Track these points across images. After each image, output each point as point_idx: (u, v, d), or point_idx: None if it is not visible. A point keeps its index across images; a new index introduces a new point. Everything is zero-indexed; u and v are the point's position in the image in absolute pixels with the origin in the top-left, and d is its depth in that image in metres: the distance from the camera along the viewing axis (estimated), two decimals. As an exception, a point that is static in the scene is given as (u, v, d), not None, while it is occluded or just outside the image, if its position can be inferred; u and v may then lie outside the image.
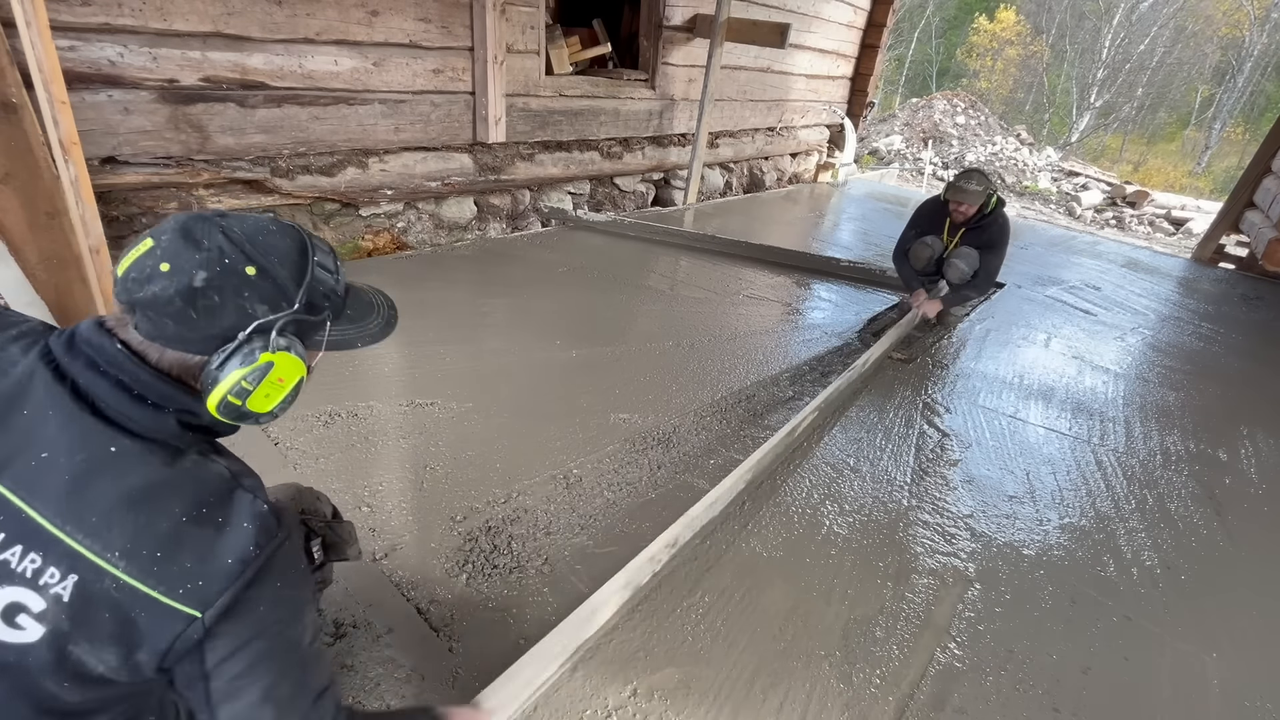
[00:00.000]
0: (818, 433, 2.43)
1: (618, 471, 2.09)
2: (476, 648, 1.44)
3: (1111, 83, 23.39)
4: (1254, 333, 4.19)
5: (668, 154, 5.55)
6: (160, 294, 0.67)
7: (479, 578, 1.62)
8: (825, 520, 1.99)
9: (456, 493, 1.90)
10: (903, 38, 26.88)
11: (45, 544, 0.63)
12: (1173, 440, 2.73)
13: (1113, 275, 5.14)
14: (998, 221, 3.23)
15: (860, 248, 5.07)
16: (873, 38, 7.58)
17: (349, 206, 3.54)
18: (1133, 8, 22.45)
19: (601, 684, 1.40)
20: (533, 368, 2.63)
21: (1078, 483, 2.36)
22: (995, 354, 3.37)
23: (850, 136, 7.73)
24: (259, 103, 3.00)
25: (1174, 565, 2.00)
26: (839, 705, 1.42)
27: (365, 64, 3.30)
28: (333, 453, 2.00)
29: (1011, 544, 2.00)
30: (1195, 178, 21.56)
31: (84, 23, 2.44)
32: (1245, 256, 5.77)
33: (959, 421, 2.67)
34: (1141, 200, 8.66)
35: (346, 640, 1.42)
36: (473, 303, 3.17)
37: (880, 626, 1.63)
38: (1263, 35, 21.29)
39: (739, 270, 4.11)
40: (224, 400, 0.71)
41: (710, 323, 3.29)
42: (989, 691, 1.51)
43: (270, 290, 0.73)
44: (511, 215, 4.45)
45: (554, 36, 4.44)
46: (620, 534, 1.83)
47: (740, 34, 4.95)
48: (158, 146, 2.76)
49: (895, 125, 11.10)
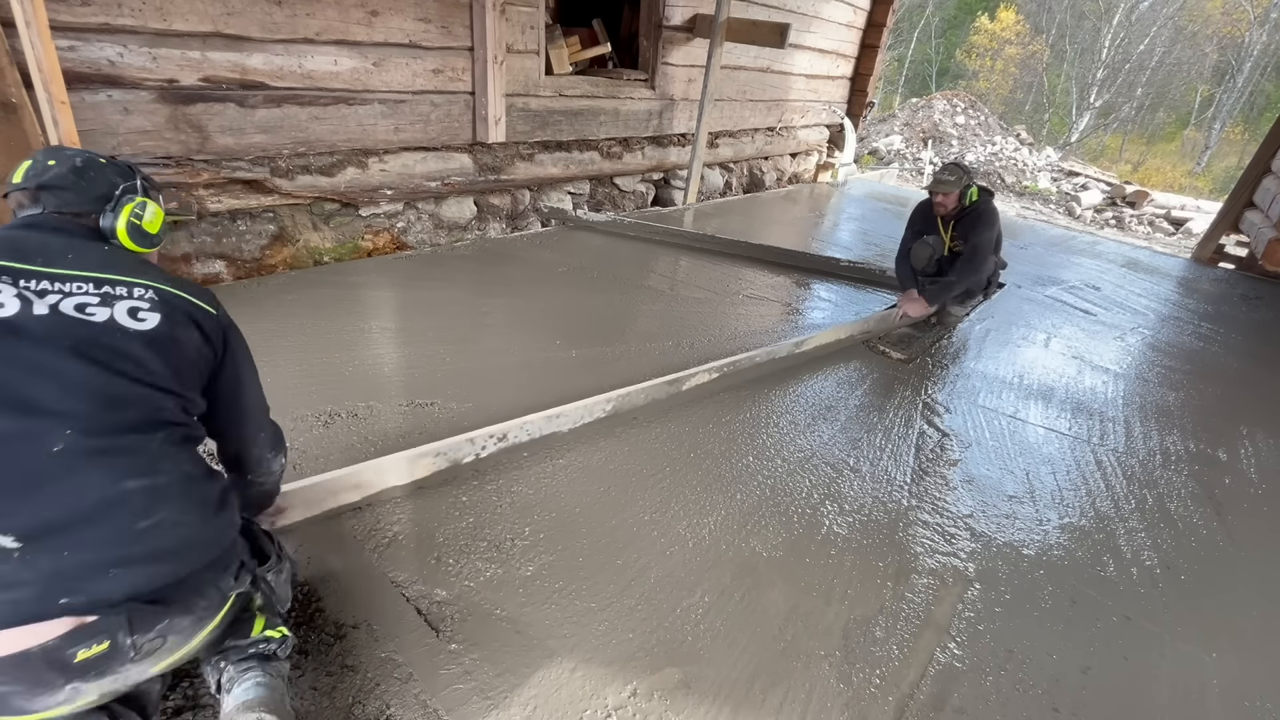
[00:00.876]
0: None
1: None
2: (476, 647, 1.44)
3: (1111, 83, 23.40)
4: (1254, 333, 4.19)
5: (667, 154, 5.55)
6: (57, 174, 1.09)
7: (479, 576, 1.62)
8: (825, 520, 1.99)
9: (457, 492, 1.90)
10: (903, 37, 26.89)
11: (119, 282, 1.02)
12: (1173, 440, 2.73)
13: (1112, 275, 5.14)
14: (979, 210, 3.26)
15: (860, 248, 5.07)
16: (872, 37, 7.58)
17: (349, 206, 3.54)
18: (1132, 8, 22.45)
19: (601, 684, 1.40)
20: (532, 368, 2.63)
21: (1077, 483, 2.36)
22: (995, 354, 3.37)
23: (850, 136, 7.73)
24: (259, 103, 3.00)
25: (1174, 565, 2.00)
26: (839, 705, 1.42)
27: (365, 64, 3.30)
28: (332, 452, 2.00)
29: (1011, 544, 2.00)
30: (1195, 178, 21.57)
31: (84, 23, 2.43)
32: (1245, 256, 5.77)
33: (959, 421, 2.67)
34: (1141, 200, 8.66)
35: (346, 640, 1.42)
36: (473, 303, 3.17)
37: (880, 626, 1.63)
38: (1262, 35, 21.29)
39: (739, 270, 4.11)
40: (128, 226, 1.11)
41: (710, 323, 3.29)
42: (989, 691, 1.51)
43: (120, 170, 1.16)
44: (511, 215, 4.45)
45: (554, 36, 4.43)
46: (614, 525, 1.83)
47: (740, 34, 4.95)
48: (157, 146, 2.76)
49: (895, 125, 11.10)
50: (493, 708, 1.32)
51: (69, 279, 0.98)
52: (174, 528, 0.95)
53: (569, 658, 1.44)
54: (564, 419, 2.18)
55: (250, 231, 3.18)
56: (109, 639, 0.87)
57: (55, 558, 0.85)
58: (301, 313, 2.84)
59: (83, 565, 0.86)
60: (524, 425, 2.07)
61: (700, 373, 2.54)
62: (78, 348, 0.92)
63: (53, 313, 0.93)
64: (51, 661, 0.84)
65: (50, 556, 0.84)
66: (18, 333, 0.90)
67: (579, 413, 2.22)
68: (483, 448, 2.00)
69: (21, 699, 0.85)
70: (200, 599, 1.00)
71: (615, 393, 2.30)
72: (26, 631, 0.82)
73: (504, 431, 2.03)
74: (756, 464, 2.22)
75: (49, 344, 0.91)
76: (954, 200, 3.25)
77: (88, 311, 0.95)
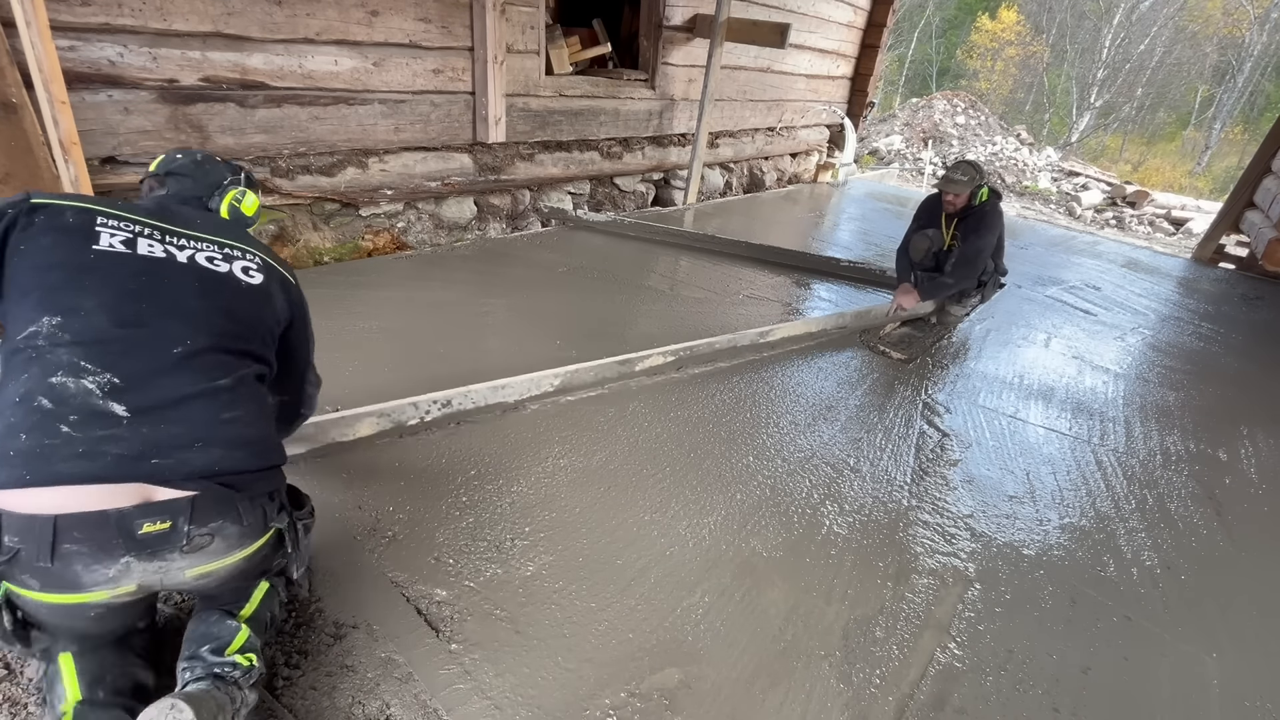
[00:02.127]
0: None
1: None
2: (476, 647, 1.44)
3: (1111, 83, 23.39)
4: (1254, 333, 4.19)
5: (668, 154, 5.54)
6: (183, 164, 1.45)
7: (479, 576, 1.62)
8: (825, 520, 1.99)
9: (457, 493, 1.90)
10: (903, 37, 26.89)
11: (236, 246, 1.32)
12: (1173, 440, 2.73)
13: (1113, 275, 5.14)
14: (984, 211, 3.26)
15: (860, 248, 5.07)
16: (873, 37, 7.58)
17: (349, 206, 3.54)
18: (1133, 8, 22.45)
19: (601, 684, 1.40)
20: (533, 368, 2.62)
21: (1078, 483, 2.36)
22: (995, 354, 3.37)
23: (850, 136, 7.72)
24: (259, 103, 3.00)
25: (1174, 565, 2.00)
26: (839, 705, 1.42)
27: (365, 64, 3.30)
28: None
29: (1011, 544, 2.00)
30: (1195, 178, 21.56)
31: (84, 23, 2.43)
32: (1245, 256, 5.77)
33: (959, 421, 2.67)
34: (1141, 200, 8.65)
35: (346, 640, 1.42)
36: (473, 303, 3.17)
37: (880, 626, 1.63)
38: (1262, 35, 21.28)
39: (739, 270, 4.11)
40: (229, 207, 1.44)
41: (710, 323, 3.29)
42: (989, 691, 1.51)
43: (230, 167, 1.53)
44: (511, 215, 4.45)
45: (554, 36, 4.43)
46: (614, 526, 1.83)
47: (740, 34, 4.95)
48: (158, 146, 2.75)
49: (895, 125, 11.10)
50: (493, 708, 1.32)
51: (199, 239, 1.27)
52: (248, 426, 1.15)
53: (569, 658, 1.44)
54: (510, 389, 2.27)
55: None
56: (171, 520, 1.01)
57: (155, 428, 1.04)
58: (301, 313, 2.84)
59: (176, 436, 1.05)
60: (468, 393, 2.17)
61: (655, 354, 2.60)
62: (205, 287, 1.21)
63: (190, 261, 1.22)
64: (122, 528, 0.97)
65: (151, 426, 1.03)
66: (166, 269, 1.18)
67: (525, 385, 2.30)
68: (426, 412, 2.10)
69: (82, 563, 0.97)
70: (251, 512, 1.13)
71: (564, 369, 2.39)
72: (112, 492, 0.98)
73: (447, 398, 2.13)
74: (756, 464, 2.22)
75: (187, 281, 1.19)
76: (964, 201, 3.23)
77: (215, 264, 1.25)
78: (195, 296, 1.17)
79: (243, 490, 1.11)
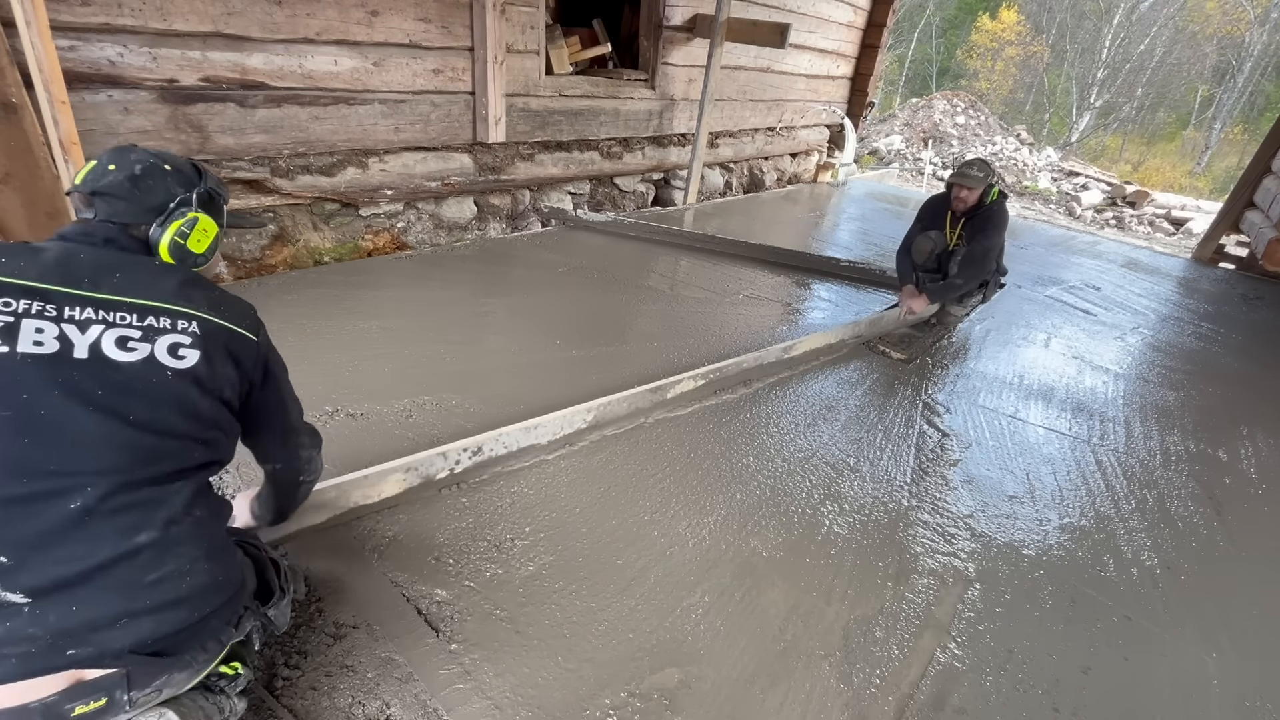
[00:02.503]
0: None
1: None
2: (476, 647, 1.44)
3: (1111, 83, 23.39)
4: (1254, 333, 4.19)
5: (668, 154, 5.54)
6: (114, 180, 1.06)
7: (479, 576, 1.62)
8: (825, 520, 1.99)
9: (457, 493, 1.90)
10: (903, 37, 26.89)
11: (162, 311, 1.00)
12: (1173, 440, 2.73)
13: (1113, 275, 5.14)
14: (993, 212, 3.23)
15: (860, 248, 5.07)
16: (873, 37, 7.58)
17: (349, 206, 3.54)
18: (1133, 8, 22.44)
19: (601, 684, 1.40)
20: (533, 367, 2.63)
21: (1078, 483, 2.36)
22: (995, 354, 3.37)
23: (850, 136, 7.72)
24: (259, 103, 3.00)
25: (1174, 565, 2.00)
26: (839, 705, 1.42)
27: (365, 64, 3.30)
28: (332, 452, 1.99)
29: (1011, 544, 2.00)
30: (1195, 178, 21.55)
31: (84, 23, 2.43)
32: (1245, 256, 5.77)
33: (959, 421, 2.67)
34: (1141, 200, 8.65)
35: (346, 640, 1.42)
36: (473, 303, 3.17)
37: (880, 626, 1.63)
38: (1262, 35, 21.28)
39: (739, 270, 4.11)
40: (171, 244, 1.09)
41: (710, 323, 3.29)
42: (989, 691, 1.51)
43: (183, 179, 1.13)
44: (511, 215, 4.45)
45: (554, 36, 4.43)
46: (614, 526, 1.83)
47: (740, 34, 4.95)
48: (158, 147, 2.74)
49: (895, 125, 11.10)
50: (493, 708, 1.32)
51: (114, 306, 0.97)
52: (183, 577, 0.96)
53: (569, 658, 1.44)
54: (542, 430, 2.07)
55: (250, 231, 3.18)
56: (107, 696, 0.89)
57: (64, 613, 0.86)
58: (301, 313, 2.84)
59: (91, 619, 0.87)
60: (499, 437, 1.97)
61: (685, 379, 2.47)
62: (113, 402, 0.92)
63: (93, 354, 0.92)
64: (49, 717, 0.85)
65: (59, 612, 0.86)
66: (57, 374, 0.90)
67: (558, 423, 2.11)
68: (456, 462, 1.89)
69: None
70: (201, 652, 1.01)
71: (596, 402, 2.21)
72: (30, 686, 0.84)
73: (478, 444, 1.92)
74: (756, 464, 2.22)
75: (85, 396, 0.91)
76: (975, 197, 3.20)
77: (129, 348, 0.95)
78: (97, 415, 0.91)
79: (189, 641, 0.99)
